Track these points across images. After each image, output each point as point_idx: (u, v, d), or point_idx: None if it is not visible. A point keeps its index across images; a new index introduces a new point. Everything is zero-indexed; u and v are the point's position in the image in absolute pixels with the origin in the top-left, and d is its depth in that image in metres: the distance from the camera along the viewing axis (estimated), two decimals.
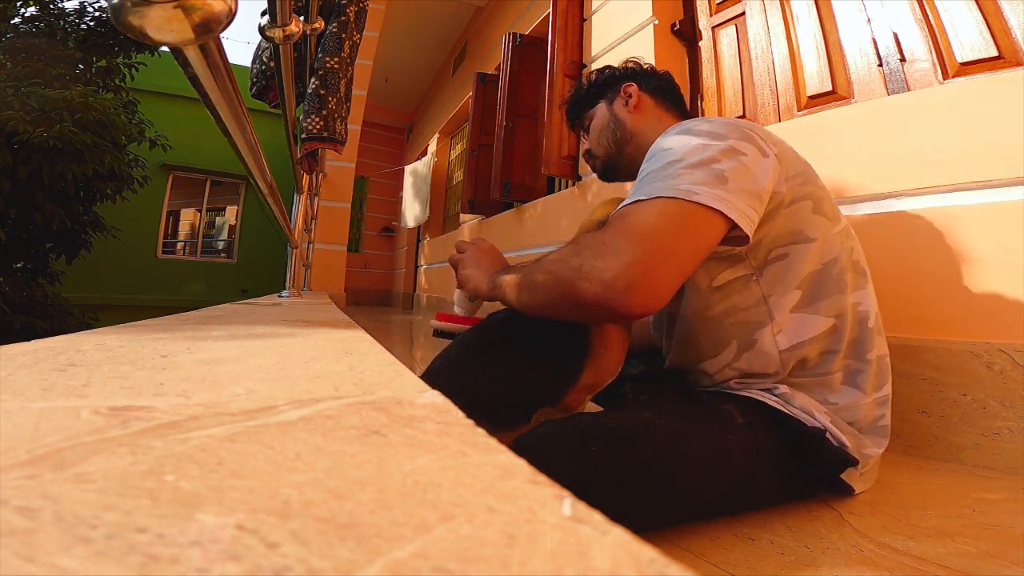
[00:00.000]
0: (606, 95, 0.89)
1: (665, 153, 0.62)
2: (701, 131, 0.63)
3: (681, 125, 0.67)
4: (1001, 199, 0.93)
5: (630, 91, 0.87)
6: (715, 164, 0.59)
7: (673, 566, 0.11)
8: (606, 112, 0.88)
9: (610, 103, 0.88)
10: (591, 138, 0.90)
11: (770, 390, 0.68)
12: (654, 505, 0.55)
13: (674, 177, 0.58)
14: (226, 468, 0.15)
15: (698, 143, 0.61)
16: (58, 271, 4.18)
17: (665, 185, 0.57)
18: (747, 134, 0.64)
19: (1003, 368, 0.87)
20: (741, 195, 0.58)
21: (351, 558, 0.11)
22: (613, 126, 0.87)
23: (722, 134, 0.62)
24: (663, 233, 0.55)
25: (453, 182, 5.23)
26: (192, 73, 0.38)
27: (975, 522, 0.63)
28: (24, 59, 3.64)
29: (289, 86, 1.06)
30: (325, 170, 2.72)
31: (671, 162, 0.60)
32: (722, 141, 0.61)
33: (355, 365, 0.34)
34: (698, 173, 0.58)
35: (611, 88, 0.88)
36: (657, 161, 0.62)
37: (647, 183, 0.60)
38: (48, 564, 0.10)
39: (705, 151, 0.60)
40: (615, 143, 0.86)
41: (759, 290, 0.68)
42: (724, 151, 0.60)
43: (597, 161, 0.90)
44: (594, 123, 0.89)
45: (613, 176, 0.91)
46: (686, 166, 0.58)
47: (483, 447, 0.18)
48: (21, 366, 0.29)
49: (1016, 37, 1.05)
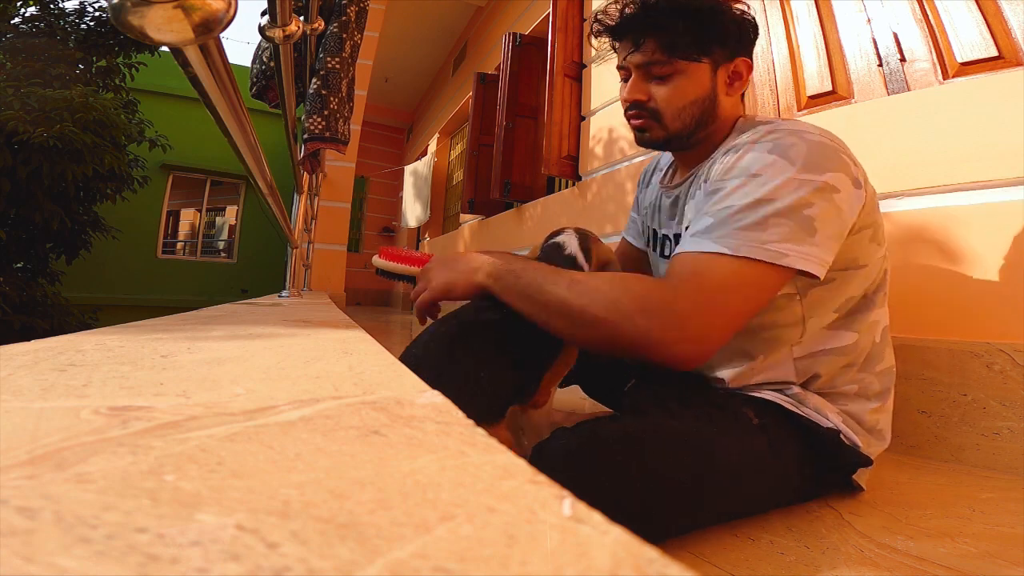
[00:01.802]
0: (713, 52, 0.67)
1: (754, 183, 0.56)
2: (797, 158, 0.56)
3: (772, 138, 0.59)
4: (1001, 199, 0.93)
5: (743, 74, 0.70)
6: (807, 209, 0.55)
7: (673, 566, 0.11)
8: (707, 81, 0.68)
9: (714, 70, 0.68)
10: (669, 96, 0.68)
11: (781, 390, 0.68)
12: (679, 514, 0.54)
13: (762, 227, 0.54)
14: (226, 468, 0.15)
15: (792, 178, 0.55)
16: (58, 271, 4.18)
17: (751, 239, 0.54)
18: (843, 162, 0.59)
19: (1003, 368, 0.87)
20: (826, 244, 0.56)
21: (351, 558, 0.11)
22: (707, 105, 0.69)
23: (819, 164, 0.57)
24: (738, 301, 0.55)
25: (453, 182, 5.23)
26: (192, 73, 0.38)
27: (975, 522, 0.63)
28: (24, 59, 3.64)
29: (289, 86, 1.06)
30: (325, 170, 2.72)
31: (760, 200, 0.55)
32: (818, 175, 0.56)
33: (355, 365, 0.34)
34: (789, 225, 0.54)
35: (725, 47, 0.67)
36: (743, 192, 0.56)
37: (730, 224, 0.55)
38: (48, 564, 0.10)
39: (799, 190, 0.55)
40: (696, 122, 0.69)
41: (800, 311, 0.66)
42: (819, 190, 0.56)
43: (660, 131, 0.70)
44: (678, 82, 0.67)
45: (658, 148, 0.75)
46: (776, 212, 0.54)
47: (483, 447, 0.18)
48: (21, 366, 0.29)
49: (1016, 37, 1.05)
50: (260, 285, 6.26)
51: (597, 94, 2.35)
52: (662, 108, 0.69)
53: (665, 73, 0.67)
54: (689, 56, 0.66)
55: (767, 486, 0.61)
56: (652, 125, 0.70)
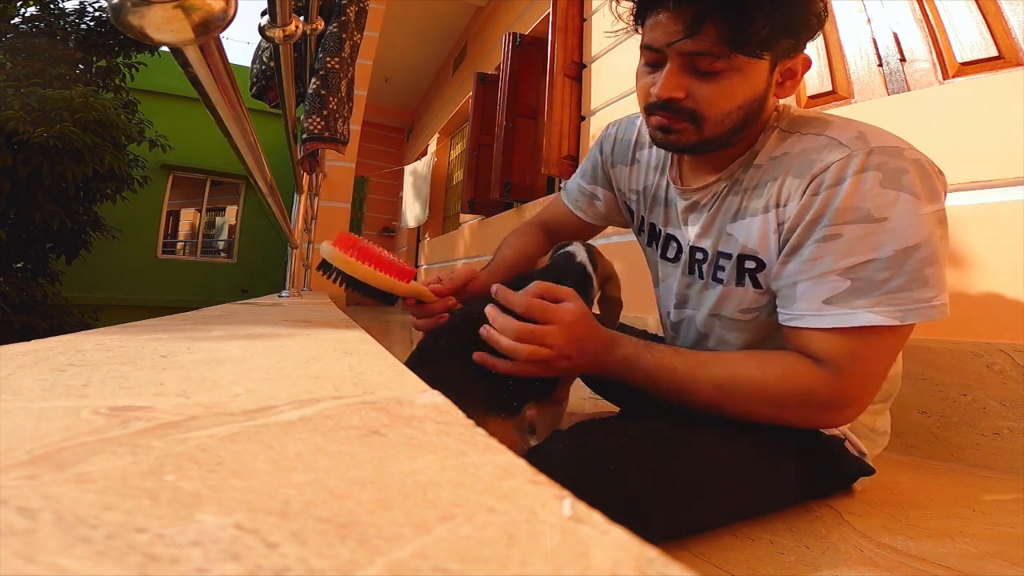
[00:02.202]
0: (776, 49, 0.54)
1: (885, 229, 0.50)
2: (915, 187, 0.50)
3: (876, 164, 0.51)
4: (1001, 199, 0.93)
5: (797, 68, 0.58)
6: (943, 244, 0.52)
7: (673, 566, 0.11)
8: (762, 80, 0.55)
9: (773, 68, 0.56)
10: (716, 98, 0.55)
11: None
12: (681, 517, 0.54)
13: (922, 283, 0.50)
14: (226, 468, 0.15)
15: (923, 214, 0.50)
16: (58, 271, 4.18)
17: (914, 300, 0.50)
18: (938, 174, 0.54)
19: (1003, 368, 0.87)
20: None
21: (351, 558, 0.11)
22: (755, 108, 0.57)
23: (933, 189, 0.51)
24: (894, 358, 0.56)
25: (453, 182, 5.23)
26: (192, 73, 0.38)
27: (975, 522, 0.63)
28: (24, 59, 3.64)
29: (289, 86, 1.06)
30: (325, 170, 2.72)
31: (906, 251, 0.49)
32: (939, 204, 0.52)
33: (355, 365, 0.34)
34: (939, 270, 0.51)
35: (789, 40, 0.54)
36: (877, 242, 0.50)
37: (880, 288, 0.50)
38: (48, 564, 0.10)
39: (933, 227, 0.51)
40: (735, 128, 0.57)
41: None
42: (941, 220, 0.52)
43: (693, 136, 0.57)
44: (730, 81, 0.54)
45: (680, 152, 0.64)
46: (927, 261, 0.50)
47: (483, 447, 0.18)
48: (21, 366, 0.29)
49: (1016, 37, 1.05)
50: (260, 285, 6.26)
51: (597, 94, 2.35)
52: (705, 111, 0.55)
53: (717, 69, 0.53)
54: (753, 51, 0.52)
55: (766, 493, 0.61)
56: (685, 128, 0.57)
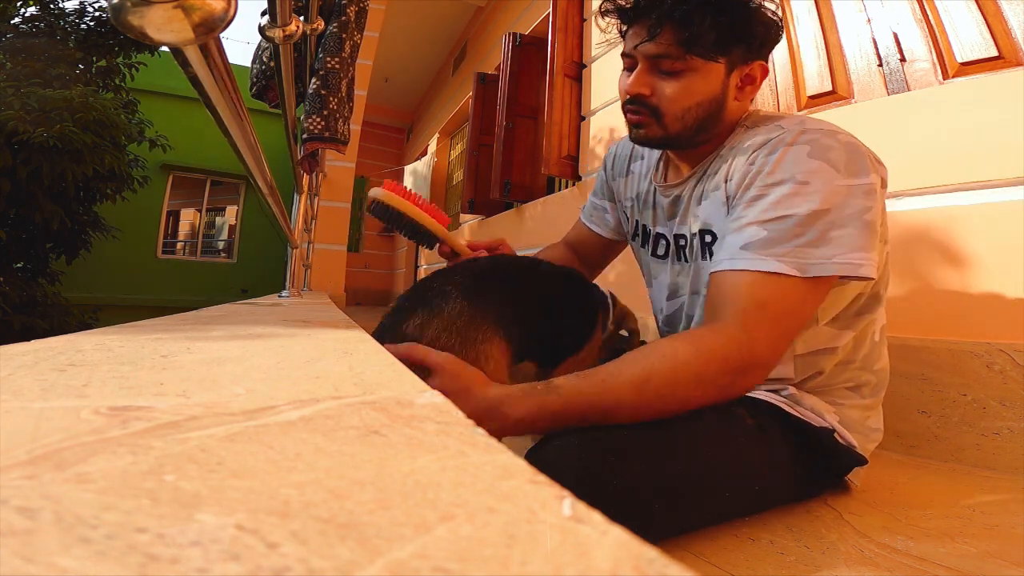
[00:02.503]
0: (730, 53, 0.62)
1: (804, 191, 0.54)
2: (839, 162, 0.55)
3: (807, 139, 0.57)
4: (1001, 199, 0.93)
5: (757, 78, 0.65)
6: (866, 215, 0.54)
7: (673, 566, 0.11)
8: (718, 82, 0.63)
9: (728, 72, 0.63)
10: (675, 95, 0.63)
11: (777, 391, 0.68)
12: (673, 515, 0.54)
13: (826, 242, 0.53)
14: (226, 468, 0.15)
15: (841, 184, 0.54)
16: (58, 271, 4.18)
17: (819, 257, 0.53)
18: (873, 161, 0.58)
19: (1003, 368, 0.87)
20: (877, 244, 0.56)
21: (351, 558, 0.11)
22: (713, 108, 0.64)
23: (861, 166, 0.56)
24: (803, 318, 0.56)
25: (453, 182, 5.23)
26: (192, 73, 0.38)
27: (975, 522, 0.63)
28: (24, 59, 3.64)
29: (289, 86, 1.06)
30: (325, 170, 2.72)
31: (817, 212, 0.53)
32: (864, 178, 0.55)
33: (355, 365, 0.34)
34: (852, 233, 0.53)
35: (743, 49, 0.62)
36: (793, 201, 0.54)
37: (790, 241, 0.54)
38: (48, 564, 0.10)
39: (852, 197, 0.54)
40: (697, 126, 0.65)
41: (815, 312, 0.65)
42: (868, 193, 0.55)
43: (658, 130, 0.66)
44: (688, 80, 0.62)
45: (652, 147, 0.72)
46: (838, 223, 0.53)
47: (483, 447, 0.18)
48: (21, 366, 0.29)
49: (1016, 37, 1.05)
50: (260, 285, 6.26)
51: (597, 94, 2.35)
52: (664, 106, 0.64)
53: (676, 69, 0.62)
54: (707, 54, 0.61)
55: (762, 486, 0.61)
56: (650, 123, 0.66)
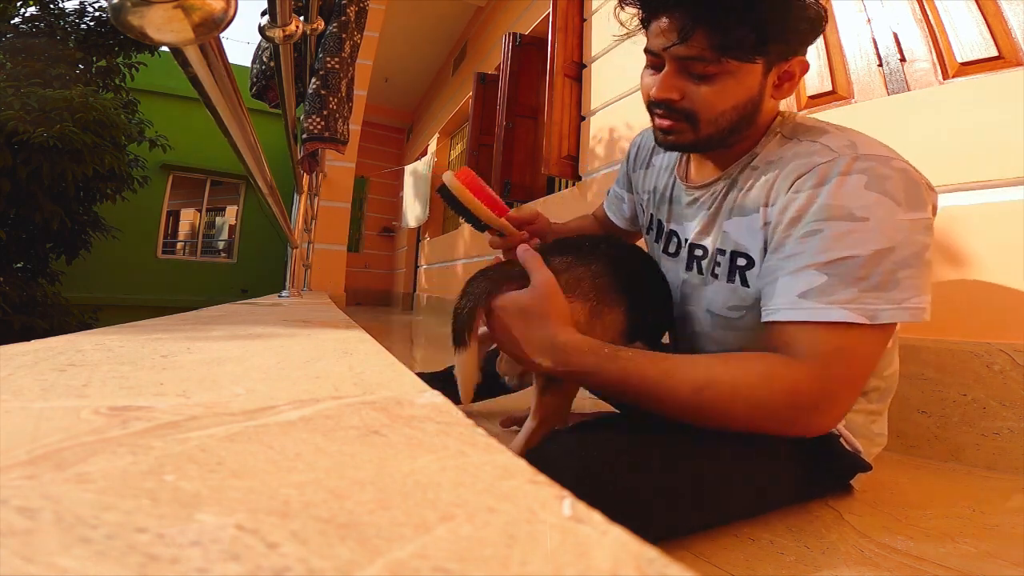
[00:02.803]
0: (769, 52, 0.56)
1: (864, 228, 0.50)
2: (898, 194, 0.51)
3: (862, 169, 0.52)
4: (1001, 199, 0.93)
5: (795, 75, 0.60)
6: (925, 253, 0.51)
7: (673, 566, 0.11)
8: (755, 83, 0.58)
9: (767, 71, 0.58)
10: (710, 99, 0.58)
11: None
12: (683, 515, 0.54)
13: (895, 285, 0.50)
14: (226, 468, 0.15)
15: (903, 219, 0.51)
16: (58, 271, 4.18)
17: (887, 300, 0.50)
18: (927, 188, 0.54)
19: (1003, 368, 0.87)
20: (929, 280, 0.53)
21: (351, 558, 0.11)
22: (749, 110, 0.59)
23: (919, 198, 0.52)
24: (875, 361, 0.54)
25: None
26: (192, 73, 0.38)
27: (975, 522, 0.63)
28: (24, 59, 3.64)
29: (289, 86, 1.06)
30: (325, 170, 2.72)
31: (881, 252, 0.50)
32: (923, 213, 0.52)
33: (355, 365, 0.34)
34: (916, 275, 0.51)
35: (782, 45, 0.57)
36: (855, 241, 0.50)
37: (855, 285, 0.50)
38: (48, 564, 0.10)
39: (914, 234, 0.51)
40: (731, 128, 0.60)
41: None
42: (927, 228, 0.52)
43: (690, 135, 0.61)
44: (724, 83, 0.57)
45: (681, 151, 0.69)
46: (903, 264, 0.50)
47: (483, 447, 0.18)
48: (21, 366, 0.29)
49: (1016, 37, 1.05)
50: (260, 285, 6.26)
51: (597, 94, 2.35)
52: (699, 111, 0.59)
53: (710, 72, 0.57)
54: (744, 56, 0.55)
55: (764, 489, 0.61)
56: (683, 128, 0.61)
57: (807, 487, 0.65)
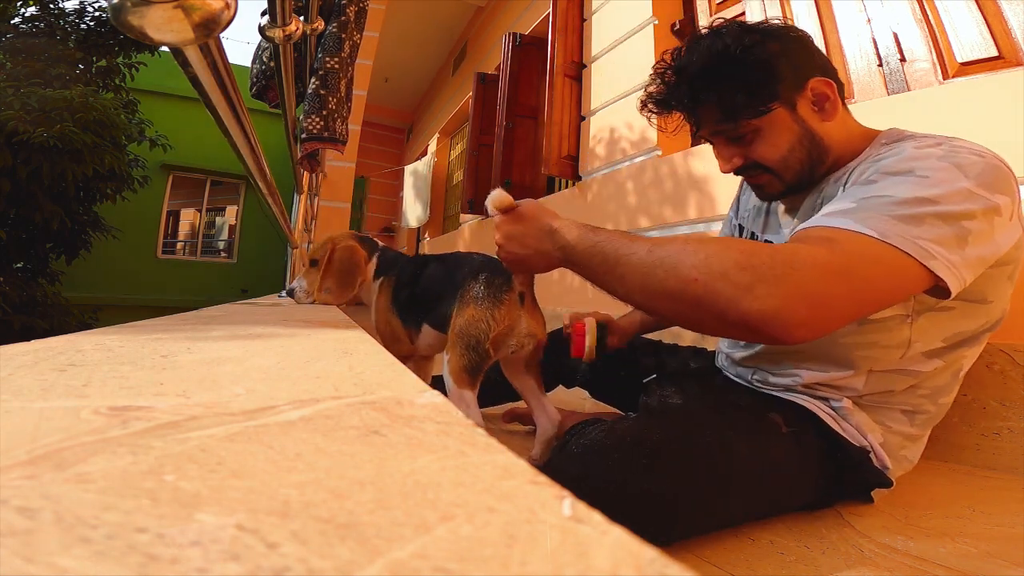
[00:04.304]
0: (780, 95, 0.60)
1: (920, 182, 0.50)
2: (972, 172, 0.51)
3: (949, 147, 0.53)
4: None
5: (827, 93, 0.62)
6: (968, 222, 0.49)
7: (673, 566, 0.11)
8: (792, 123, 0.62)
9: (792, 108, 0.61)
10: (766, 153, 0.63)
11: (827, 400, 0.65)
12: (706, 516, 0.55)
13: (918, 223, 0.47)
14: (226, 468, 0.15)
15: (965, 188, 0.49)
16: (58, 271, 4.18)
17: (901, 230, 0.47)
18: (1013, 189, 0.53)
19: (1003, 368, 0.87)
20: (972, 262, 0.50)
21: (351, 558, 0.11)
22: (808, 143, 0.62)
23: (995, 184, 0.51)
24: (868, 282, 0.47)
25: (453, 182, 5.23)
26: (192, 73, 0.38)
27: (975, 522, 0.63)
28: (24, 59, 3.64)
29: (289, 86, 1.06)
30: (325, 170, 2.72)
31: (923, 199, 0.48)
32: (991, 195, 0.50)
33: (355, 365, 0.34)
34: (946, 228, 0.48)
35: (788, 83, 0.61)
36: (904, 185, 0.50)
37: (880, 211, 0.48)
38: (48, 564, 0.10)
39: (967, 202, 0.49)
40: (811, 164, 0.64)
41: (907, 334, 0.61)
42: (987, 209, 0.50)
43: (778, 183, 0.66)
44: (770, 138, 0.62)
45: (781, 197, 0.70)
46: (937, 215, 0.48)
47: (483, 447, 0.18)
48: (21, 366, 0.29)
49: (1016, 37, 1.05)
50: (260, 285, 6.26)
51: (597, 94, 2.35)
52: (768, 163, 0.64)
53: (742, 134, 0.63)
54: (756, 112, 0.60)
55: (781, 495, 0.61)
56: (769, 179, 0.66)
57: (825, 496, 0.64)
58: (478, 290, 0.72)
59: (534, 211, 0.63)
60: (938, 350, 0.62)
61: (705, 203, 1.66)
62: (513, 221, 0.64)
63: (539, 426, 0.78)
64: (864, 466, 0.63)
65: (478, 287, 0.72)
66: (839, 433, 0.64)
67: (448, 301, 0.77)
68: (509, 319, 0.71)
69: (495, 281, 0.72)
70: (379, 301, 0.94)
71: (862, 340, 0.62)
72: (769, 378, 0.71)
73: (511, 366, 0.81)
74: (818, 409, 0.65)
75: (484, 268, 0.75)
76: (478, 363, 0.70)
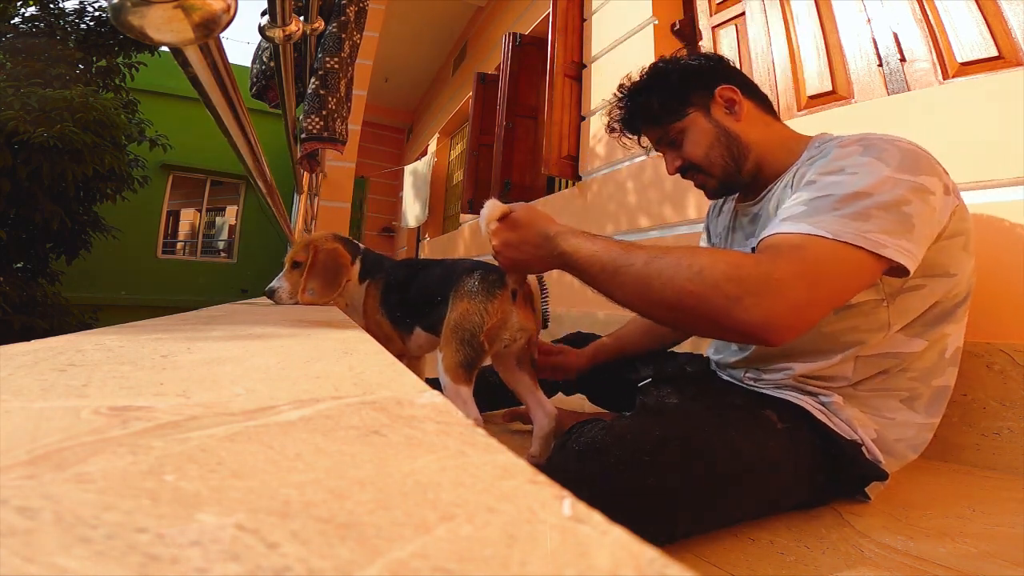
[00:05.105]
0: (693, 102, 0.74)
1: (851, 178, 0.57)
2: (891, 160, 0.57)
3: (864, 143, 0.61)
4: (1001, 199, 0.93)
5: (732, 97, 0.73)
6: (905, 207, 0.55)
7: (673, 566, 0.11)
8: (707, 124, 0.73)
9: (707, 112, 0.73)
10: (691, 151, 0.75)
11: (816, 395, 0.67)
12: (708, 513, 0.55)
13: (863, 218, 0.54)
14: (226, 468, 0.15)
15: (889, 176, 0.56)
16: (58, 271, 4.17)
17: (853, 228, 0.53)
18: (934, 167, 0.60)
19: (1003, 368, 0.87)
20: (920, 242, 0.56)
21: (351, 558, 0.11)
22: (725, 140, 0.73)
23: (913, 167, 0.57)
24: (836, 281, 0.53)
25: (453, 182, 5.23)
26: (192, 73, 0.38)
27: (975, 522, 0.63)
28: (24, 59, 3.64)
29: (289, 86, 1.06)
30: (325, 170, 2.72)
31: (859, 193, 0.55)
32: (913, 176, 0.56)
33: (355, 365, 0.34)
34: (887, 217, 0.54)
35: (699, 92, 0.74)
36: (839, 184, 0.57)
37: (828, 212, 0.55)
38: (48, 564, 0.10)
39: (896, 188, 0.55)
40: (733, 160, 0.74)
41: (886, 316, 0.65)
42: (915, 190, 0.56)
43: (711, 180, 0.76)
44: (692, 137, 0.74)
45: (723, 194, 0.80)
46: (877, 206, 0.54)
47: (483, 447, 0.18)
48: (21, 366, 0.29)
49: (1016, 37, 1.05)
50: (260, 285, 6.23)
51: (597, 94, 2.35)
52: (694, 161, 0.75)
53: (672, 138, 0.76)
54: (673, 117, 0.74)
55: (778, 491, 0.61)
56: (702, 178, 0.77)
57: (821, 492, 0.65)
58: (472, 285, 0.74)
59: (529, 217, 0.67)
60: (917, 328, 0.66)
61: (704, 203, 1.65)
62: (509, 228, 0.67)
63: (536, 422, 0.78)
64: (857, 459, 0.64)
65: (472, 282, 0.74)
66: (830, 427, 0.65)
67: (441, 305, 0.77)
68: (502, 312, 0.72)
69: (488, 277, 0.74)
70: (367, 303, 0.94)
71: (843, 326, 0.66)
72: (762, 375, 0.74)
73: (505, 364, 0.81)
74: (809, 405, 0.66)
75: (478, 267, 0.77)
76: (473, 358, 0.70)
